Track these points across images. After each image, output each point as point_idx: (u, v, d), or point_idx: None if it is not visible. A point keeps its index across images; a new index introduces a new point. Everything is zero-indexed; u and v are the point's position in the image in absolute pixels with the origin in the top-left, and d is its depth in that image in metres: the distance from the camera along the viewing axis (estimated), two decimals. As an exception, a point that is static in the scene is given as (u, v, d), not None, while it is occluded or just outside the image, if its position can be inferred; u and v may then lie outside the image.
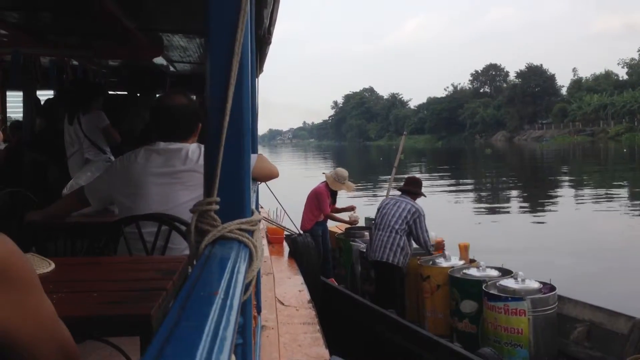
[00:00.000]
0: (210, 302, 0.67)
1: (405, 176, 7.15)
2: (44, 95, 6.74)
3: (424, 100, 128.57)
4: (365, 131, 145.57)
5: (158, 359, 0.51)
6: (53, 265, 1.65)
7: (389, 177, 8.89)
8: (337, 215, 7.97)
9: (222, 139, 1.06)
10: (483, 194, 22.47)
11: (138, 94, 5.99)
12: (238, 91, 1.07)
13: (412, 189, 6.29)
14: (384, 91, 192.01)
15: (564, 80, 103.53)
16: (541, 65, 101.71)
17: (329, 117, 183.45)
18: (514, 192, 21.62)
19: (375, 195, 19.00)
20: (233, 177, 1.11)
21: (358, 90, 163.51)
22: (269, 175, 2.82)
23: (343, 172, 7.63)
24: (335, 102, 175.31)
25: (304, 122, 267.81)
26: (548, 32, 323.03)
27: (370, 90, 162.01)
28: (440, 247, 6.46)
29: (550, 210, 16.11)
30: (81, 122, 4.96)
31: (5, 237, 0.83)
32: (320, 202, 7.51)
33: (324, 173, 7.98)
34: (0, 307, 0.80)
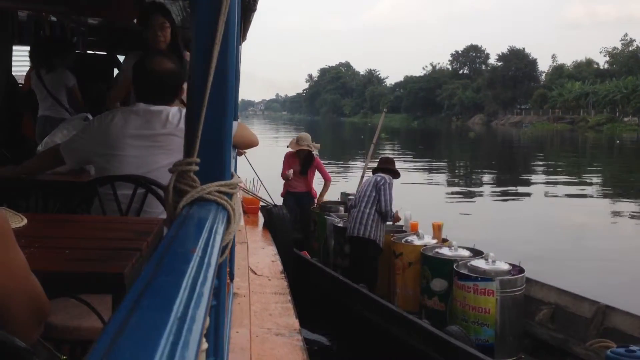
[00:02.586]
0: (187, 259, 0.67)
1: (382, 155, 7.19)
2: (20, 50, 6.58)
3: (402, 79, 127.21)
4: (339, 107, 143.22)
5: (134, 310, 0.50)
6: (25, 221, 1.62)
7: (368, 154, 8.89)
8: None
9: (205, 100, 1.04)
10: (462, 176, 22.55)
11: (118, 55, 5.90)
12: (223, 52, 1.06)
13: (385, 167, 6.33)
14: (360, 67, 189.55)
15: (541, 66, 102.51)
16: (523, 48, 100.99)
17: (303, 90, 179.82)
18: (495, 177, 21.45)
19: (347, 169, 19.05)
20: (214, 139, 1.10)
21: (334, 65, 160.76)
22: (249, 143, 2.82)
23: (304, 135, 7.78)
24: (310, 76, 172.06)
25: (277, 94, 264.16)
26: (526, 17, 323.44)
27: (347, 65, 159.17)
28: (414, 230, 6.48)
29: (528, 196, 16.21)
30: (44, 79, 4.88)
31: None
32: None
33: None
34: None
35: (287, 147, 7.89)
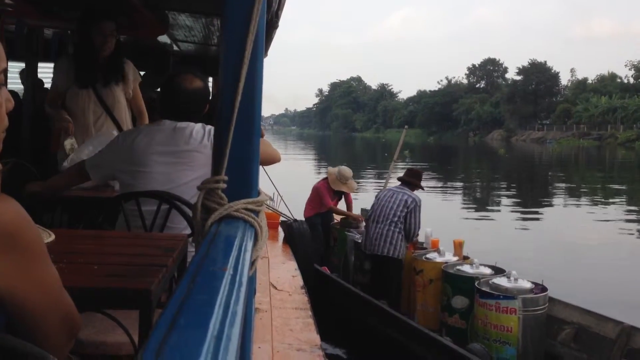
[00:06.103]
0: (220, 277, 0.68)
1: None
2: (45, 67, 6.70)
3: (415, 93, 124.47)
4: (351, 122, 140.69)
5: (172, 329, 0.51)
6: (53, 236, 1.65)
7: (388, 170, 8.87)
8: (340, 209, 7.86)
9: (233, 119, 1.05)
10: (487, 194, 21.94)
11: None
12: (251, 71, 1.07)
13: (412, 181, 6.30)
14: (372, 82, 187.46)
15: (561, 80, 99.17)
16: (545, 62, 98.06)
17: (314, 105, 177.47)
18: (522, 196, 20.73)
19: (365, 186, 18.89)
20: (242, 157, 1.11)
21: (345, 79, 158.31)
22: (271, 159, 2.84)
23: (346, 171, 7.57)
24: (320, 90, 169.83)
25: (286, 109, 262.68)
26: (538, 32, 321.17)
27: (358, 79, 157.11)
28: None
29: (557, 216, 15.63)
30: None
31: (17, 204, 0.83)
32: (321, 197, 7.57)
33: (327, 169, 7.92)
34: (8, 273, 0.81)
35: (328, 178, 7.66)
